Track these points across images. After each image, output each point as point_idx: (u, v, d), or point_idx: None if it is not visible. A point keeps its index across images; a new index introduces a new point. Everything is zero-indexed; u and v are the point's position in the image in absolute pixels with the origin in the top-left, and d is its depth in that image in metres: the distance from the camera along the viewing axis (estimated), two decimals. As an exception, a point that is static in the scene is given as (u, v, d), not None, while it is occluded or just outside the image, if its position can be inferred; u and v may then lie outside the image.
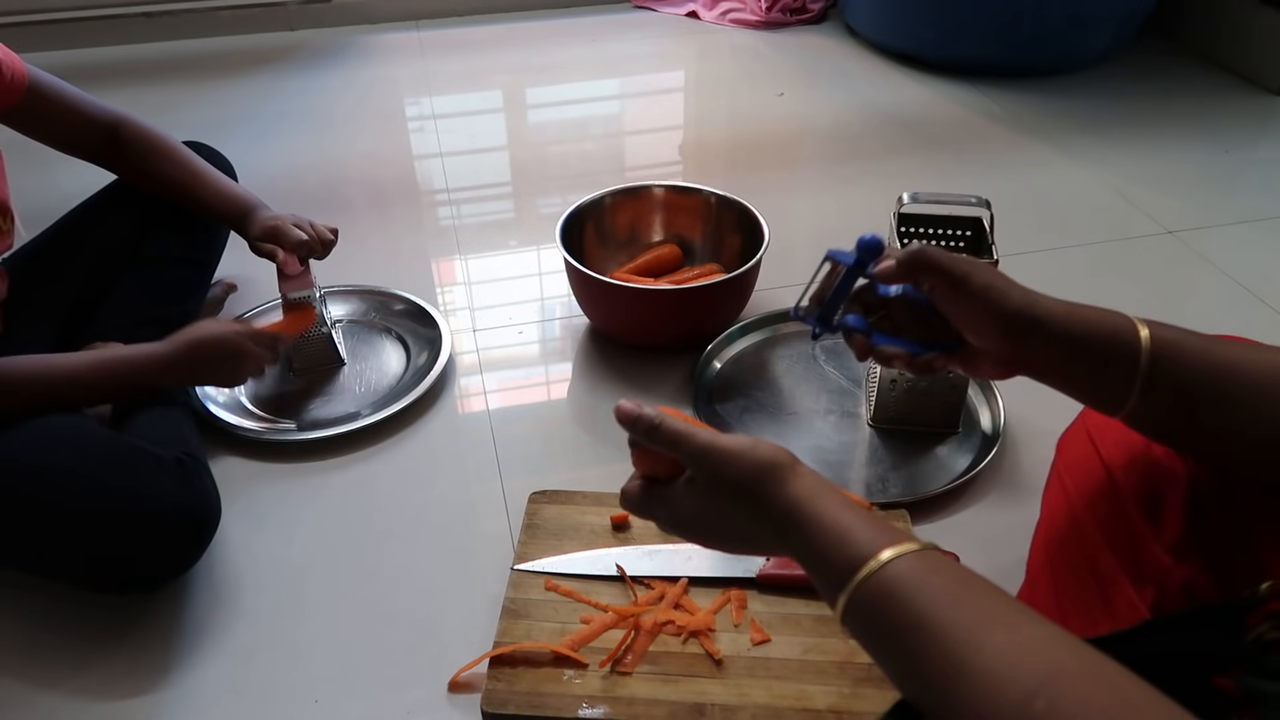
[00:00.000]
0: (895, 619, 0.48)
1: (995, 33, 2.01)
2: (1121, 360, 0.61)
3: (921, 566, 0.49)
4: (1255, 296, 1.42)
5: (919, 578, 0.49)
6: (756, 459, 0.57)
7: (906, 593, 0.48)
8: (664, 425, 0.59)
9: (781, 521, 0.56)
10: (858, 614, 0.50)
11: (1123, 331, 0.62)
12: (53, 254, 1.20)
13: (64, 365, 1.00)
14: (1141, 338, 0.61)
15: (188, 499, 0.93)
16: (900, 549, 0.50)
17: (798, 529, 0.55)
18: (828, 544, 0.53)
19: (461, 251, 1.57)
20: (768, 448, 0.58)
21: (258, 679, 0.92)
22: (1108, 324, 0.63)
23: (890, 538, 0.51)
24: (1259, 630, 0.55)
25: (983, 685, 0.43)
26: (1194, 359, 0.61)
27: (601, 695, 0.86)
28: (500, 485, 1.12)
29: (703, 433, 0.59)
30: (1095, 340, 0.62)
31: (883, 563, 0.49)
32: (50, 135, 1.15)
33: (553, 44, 2.37)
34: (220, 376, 1.10)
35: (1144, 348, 0.61)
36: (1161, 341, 0.61)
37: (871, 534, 0.52)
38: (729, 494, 0.58)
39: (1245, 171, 1.77)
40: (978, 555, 0.95)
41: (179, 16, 2.39)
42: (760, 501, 0.56)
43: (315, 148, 1.89)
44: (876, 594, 0.49)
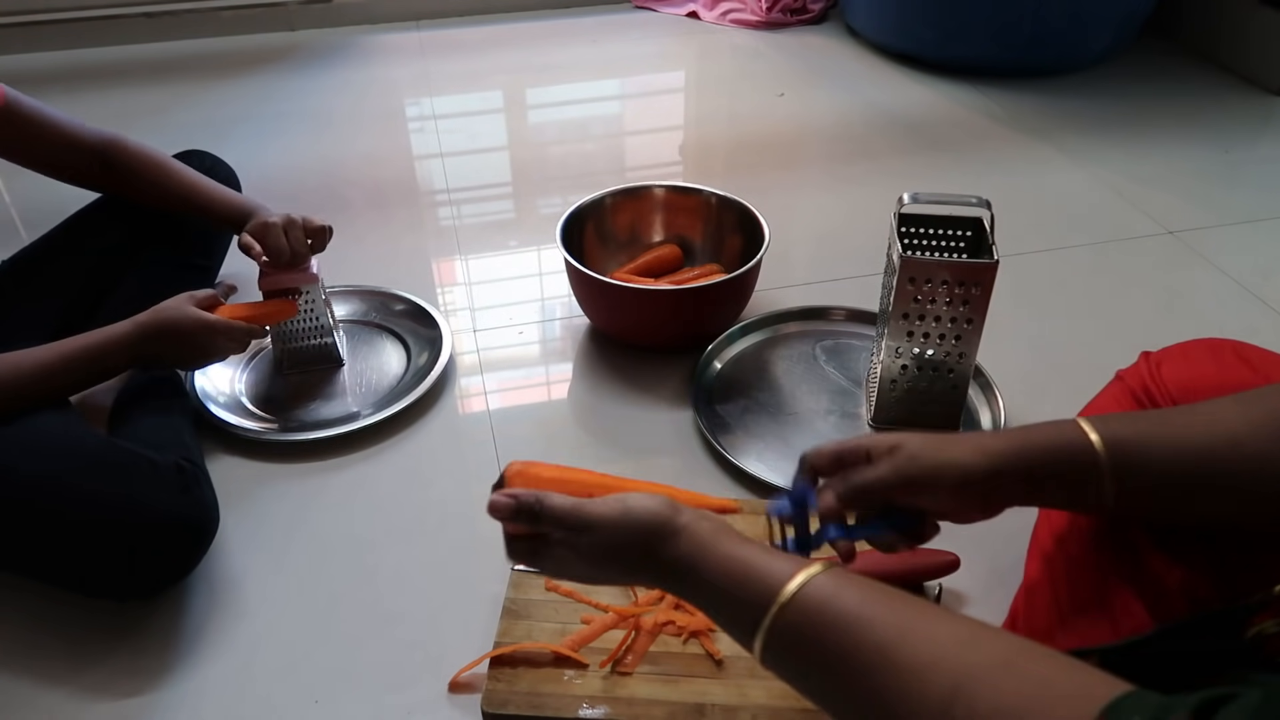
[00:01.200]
0: (811, 651, 0.48)
1: (995, 33, 2.01)
2: (1085, 475, 0.60)
3: (826, 590, 0.49)
4: (1255, 296, 1.42)
5: (826, 602, 0.48)
6: (638, 523, 0.56)
7: (816, 623, 0.48)
8: (545, 508, 0.59)
9: (678, 576, 0.55)
10: (775, 652, 0.50)
11: (1077, 447, 0.61)
12: (52, 257, 1.20)
13: (33, 358, 0.98)
14: (1095, 444, 0.60)
15: (185, 507, 0.93)
16: (803, 576, 0.50)
17: (694, 584, 0.54)
18: (729, 592, 0.52)
19: (462, 252, 1.57)
20: (641, 511, 0.57)
21: (258, 679, 0.92)
22: (1061, 444, 0.61)
23: (790, 566, 0.51)
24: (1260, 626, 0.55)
25: (904, 700, 0.43)
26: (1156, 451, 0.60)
27: (602, 695, 0.86)
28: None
29: (580, 507, 0.58)
30: (1054, 466, 0.61)
31: (789, 595, 0.49)
32: (30, 158, 1.14)
33: (553, 44, 2.37)
34: (182, 360, 1.09)
35: (1101, 455, 0.60)
36: (1116, 443, 0.60)
37: (771, 568, 0.51)
38: (617, 559, 0.58)
39: (1245, 171, 1.77)
40: (978, 556, 0.95)
41: (179, 16, 2.39)
42: (650, 562, 0.56)
43: (315, 148, 1.89)
44: (789, 629, 0.49)
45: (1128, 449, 0.60)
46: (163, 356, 1.07)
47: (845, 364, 1.27)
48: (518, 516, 0.59)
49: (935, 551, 0.95)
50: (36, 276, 1.16)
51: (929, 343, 1.08)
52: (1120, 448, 0.60)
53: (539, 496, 0.59)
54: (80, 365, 1.01)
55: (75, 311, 1.18)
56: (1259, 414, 0.58)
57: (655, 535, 0.56)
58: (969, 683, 0.42)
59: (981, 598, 0.95)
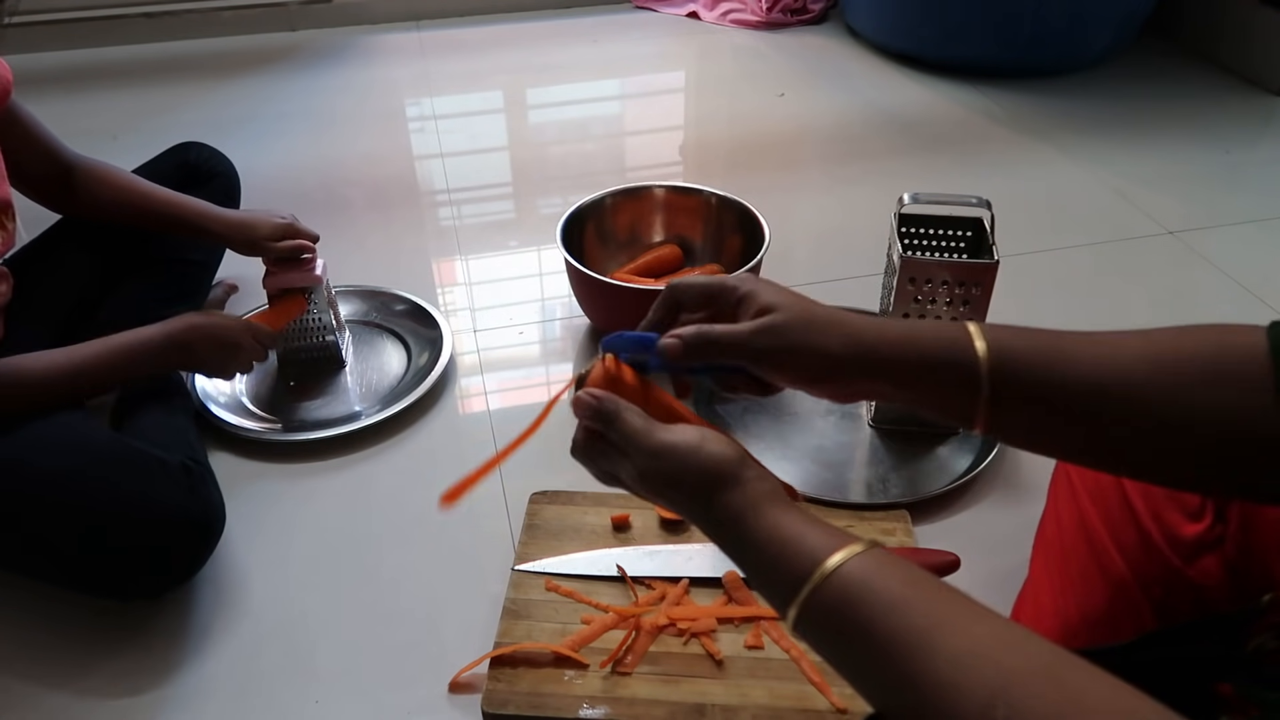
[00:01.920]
0: (847, 628, 0.47)
1: (995, 33, 2.01)
2: (960, 381, 0.55)
3: (867, 569, 0.48)
4: (1255, 297, 1.42)
5: (866, 583, 0.48)
6: (702, 463, 0.56)
7: (854, 601, 0.48)
8: (619, 420, 0.58)
9: (725, 528, 0.55)
10: (809, 624, 0.50)
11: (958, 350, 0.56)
12: (53, 257, 1.20)
13: (68, 357, 0.99)
14: (978, 350, 0.55)
15: (193, 505, 0.93)
16: (845, 553, 0.49)
17: (737, 541, 0.54)
18: (770, 556, 0.52)
19: (462, 252, 1.57)
20: (711, 452, 0.56)
21: (259, 679, 0.92)
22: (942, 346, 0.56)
23: (833, 541, 0.50)
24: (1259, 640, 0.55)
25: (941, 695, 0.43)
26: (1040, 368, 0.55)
27: (602, 696, 0.86)
28: (501, 486, 1.12)
29: (653, 430, 0.57)
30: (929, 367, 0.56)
31: (828, 571, 0.49)
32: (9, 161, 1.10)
33: (553, 44, 2.37)
34: (212, 364, 1.10)
35: (981, 362, 0.55)
36: (1000, 352, 0.55)
37: (814, 541, 0.51)
38: (674, 490, 0.57)
39: (1246, 172, 1.77)
40: (978, 556, 0.95)
41: (180, 17, 2.39)
42: (703, 506, 0.56)
43: (316, 148, 1.89)
44: (826, 604, 0.49)
45: (1013, 360, 0.55)
46: (196, 360, 1.08)
47: (845, 364, 1.27)
48: (595, 418, 0.59)
49: (935, 552, 0.95)
50: (37, 276, 1.16)
51: (929, 343, 1.08)
52: (1004, 358, 0.55)
53: (619, 406, 0.59)
54: (114, 365, 1.02)
55: (76, 313, 1.18)
56: (1166, 354, 0.53)
57: (718, 479, 0.55)
58: (1011, 686, 0.41)
59: (982, 598, 0.95)
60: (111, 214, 1.19)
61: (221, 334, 1.08)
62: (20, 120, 1.09)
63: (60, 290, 1.18)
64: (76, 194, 1.17)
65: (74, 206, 1.19)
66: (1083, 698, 0.40)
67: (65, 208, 1.20)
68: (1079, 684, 0.41)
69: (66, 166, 1.16)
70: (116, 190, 1.18)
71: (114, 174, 1.19)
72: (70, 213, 1.21)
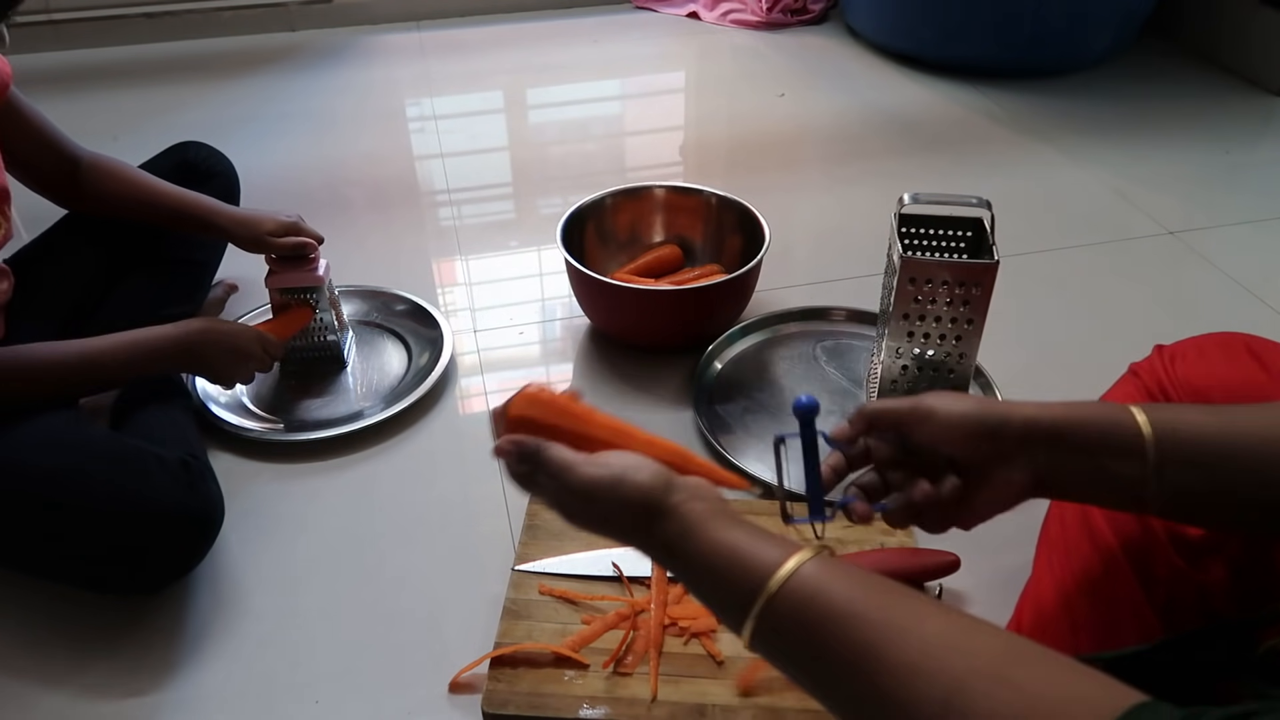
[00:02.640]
0: (802, 640, 0.47)
1: (996, 33, 2.01)
2: (1124, 454, 0.56)
3: (818, 578, 0.48)
4: (1256, 297, 1.42)
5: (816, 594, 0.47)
6: (624, 499, 0.55)
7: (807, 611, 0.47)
8: (547, 461, 0.58)
9: (666, 556, 0.55)
10: (765, 639, 0.49)
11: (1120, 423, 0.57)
12: (54, 256, 1.20)
13: (81, 349, 1.00)
14: (1140, 423, 0.56)
15: (191, 501, 0.93)
16: (795, 561, 0.49)
17: (683, 565, 0.54)
18: (717, 576, 0.52)
19: (462, 252, 1.57)
20: (636, 484, 0.55)
21: (259, 679, 0.92)
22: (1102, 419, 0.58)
23: (780, 552, 0.50)
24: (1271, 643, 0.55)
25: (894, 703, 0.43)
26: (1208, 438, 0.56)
27: (602, 696, 0.86)
28: (501, 486, 1.12)
29: (575, 468, 0.57)
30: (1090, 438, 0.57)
31: (778, 584, 0.48)
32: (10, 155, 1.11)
33: (553, 44, 2.37)
34: (220, 370, 1.10)
35: (1146, 436, 0.56)
36: (1164, 424, 0.56)
37: (764, 553, 0.50)
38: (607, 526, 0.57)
39: (1246, 172, 1.77)
40: (979, 557, 0.95)
41: (180, 17, 2.39)
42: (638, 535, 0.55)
43: (316, 148, 1.89)
44: (780, 617, 0.48)
45: (1177, 431, 0.56)
46: (205, 365, 1.08)
47: (846, 364, 1.27)
48: (520, 463, 0.59)
49: (936, 552, 0.95)
50: (37, 277, 1.16)
51: (929, 343, 1.08)
52: (1168, 429, 0.56)
53: (539, 447, 0.58)
54: (126, 361, 1.02)
55: (77, 311, 1.18)
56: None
57: (645, 512, 0.55)
58: (962, 691, 0.41)
59: (982, 598, 0.95)
60: (118, 208, 1.19)
61: (233, 342, 1.09)
62: (22, 114, 1.09)
63: (61, 289, 1.18)
64: (84, 188, 1.17)
65: (81, 201, 1.19)
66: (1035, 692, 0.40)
67: (72, 203, 1.21)
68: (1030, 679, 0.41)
69: (72, 160, 1.16)
70: (124, 184, 1.18)
71: (121, 168, 1.19)
72: (77, 208, 1.21)
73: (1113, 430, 0.57)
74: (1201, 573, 0.67)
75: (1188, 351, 0.78)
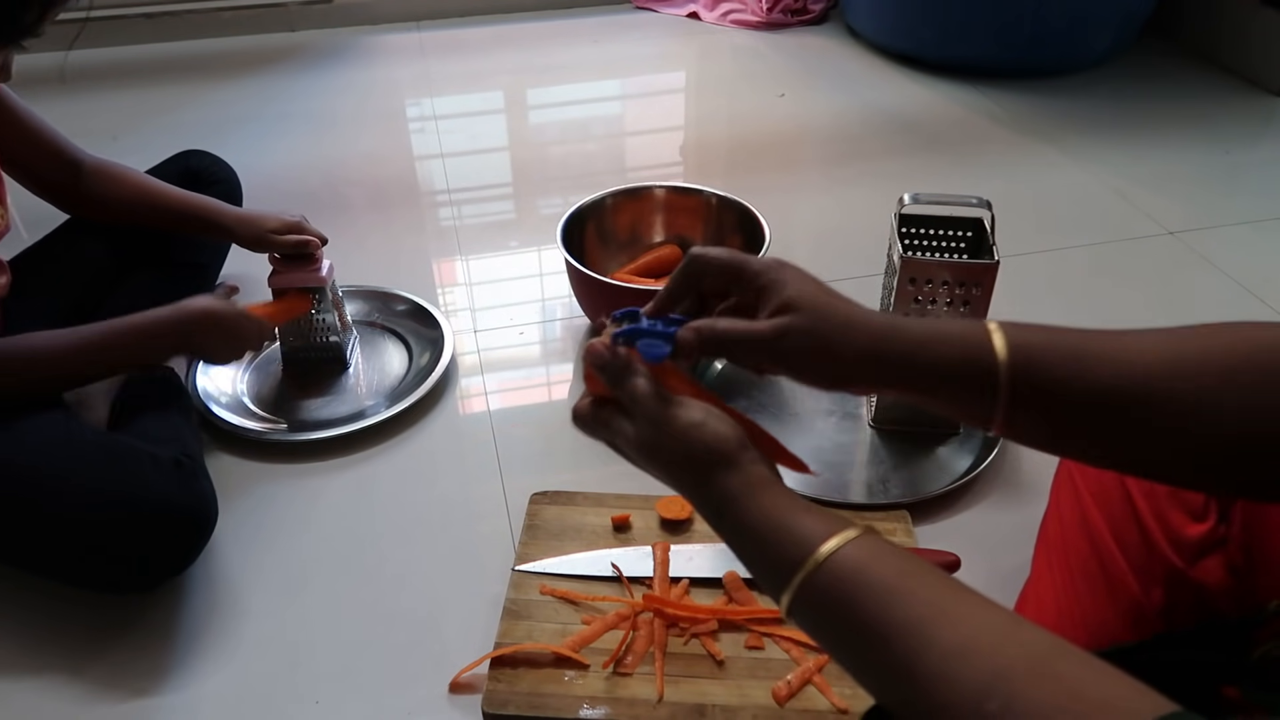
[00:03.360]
0: (842, 616, 0.47)
1: (996, 33, 2.01)
2: (977, 380, 0.54)
3: (861, 556, 0.48)
4: (1256, 297, 1.42)
5: (860, 570, 0.48)
6: (700, 439, 0.55)
7: (849, 588, 0.47)
8: (627, 381, 0.57)
9: (717, 509, 0.54)
10: (803, 610, 0.50)
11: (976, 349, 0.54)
12: (54, 256, 1.20)
13: (79, 335, 1.00)
14: (997, 349, 0.53)
15: (185, 499, 0.93)
16: (839, 539, 0.49)
17: (732, 523, 0.54)
18: (764, 541, 0.52)
19: (463, 252, 1.57)
20: (712, 432, 0.55)
21: (259, 679, 0.92)
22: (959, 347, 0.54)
23: (827, 527, 0.50)
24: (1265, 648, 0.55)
25: (934, 688, 0.43)
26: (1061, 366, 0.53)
27: (602, 696, 0.86)
28: (501, 486, 1.12)
29: (659, 398, 0.56)
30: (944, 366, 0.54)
31: (822, 558, 0.48)
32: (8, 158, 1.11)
33: (554, 45, 2.37)
34: (212, 350, 1.10)
35: (1001, 361, 0.53)
36: (1020, 350, 0.53)
37: (809, 526, 0.50)
38: (668, 466, 0.56)
39: (1246, 172, 1.77)
40: (979, 556, 0.95)
41: (180, 17, 2.39)
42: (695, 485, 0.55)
43: (316, 148, 1.89)
44: (819, 590, 0.49)
45: (1033, 363, 0.53)
46: (199, 345, 1.08)
47: (846, 364, 1.27)
48: (605, 369, 0.58)
49: (936, 552, 0.95)
50: (36, 280, 1.16)
51: (929, 343, 1.08)
52: (1023, 360, 0.53)
53: (631, 364, 0.58)
54: (124, 345, 1.02)
55: (78, 313, 1.18)
56: (1190, 353, 0.51)
57: (715, 459, 0.54)
58: (1005, 680, 0.41)
59: (982, 598, 0.95)
60: (122, 213, 1.19)
61: (226, 323, 1.08)
62: (19, 118, 1.09)
63: (62, 291, 1.18)
64: (87, 192, 1.17)
65: (85, 205, 1.19)
66: (1076, 689, 0.40)
67: (76, 208, 1.21)
68: (1072, 675, 0.41)
69: (74, 163, 1.16)
70: (127, 188, 1.18)
71: (124, 172, 1.20)
72: (81, 212, 1.21)
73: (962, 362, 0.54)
74: (1200, 573, 0.67)
75: None
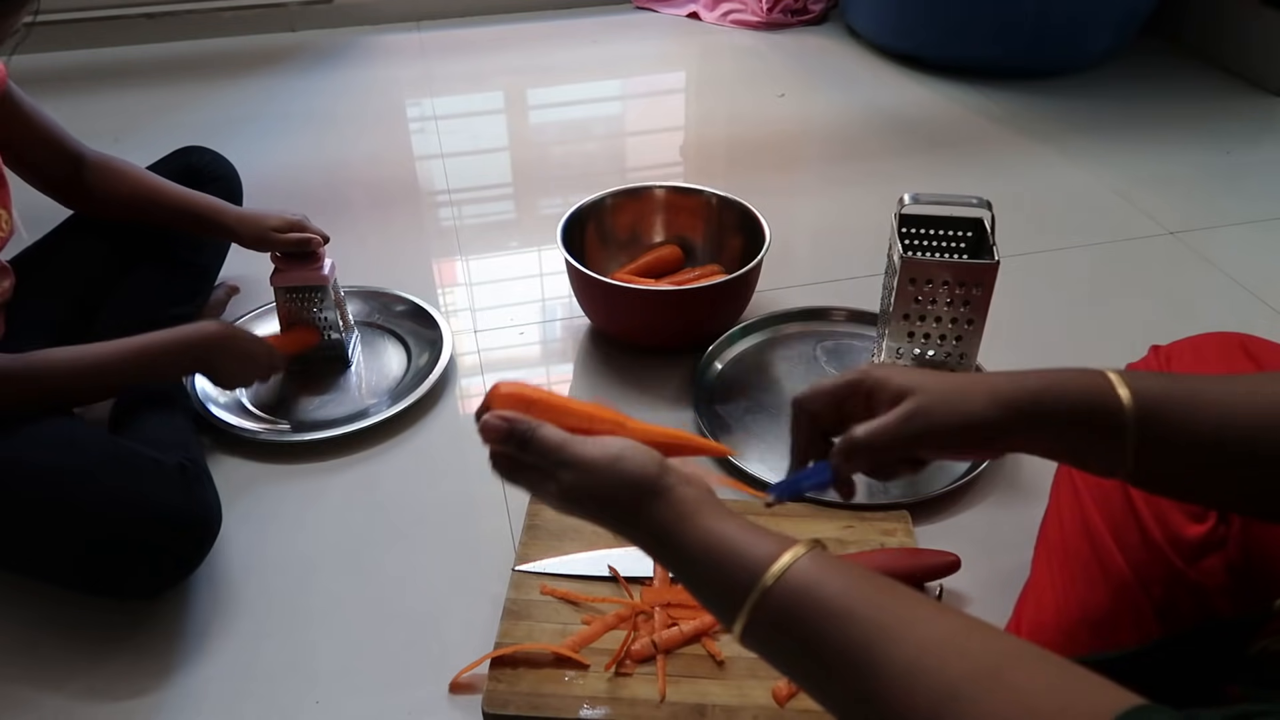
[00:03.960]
0: (796, 637, 0.47)
1: (996, 34, 2.01)
2: (1107, 429, 0.56)
3: (811, 573, 0.47)
4: (1256, 298, 1.42)
5: (811, 589, 0.47)
6: (619, 476, 0.54)
7: (802, 608, 0.47)
8: (534, 439, 0.56)
9: (654, 542, 0.54)
10: (757, 634, 0.49)
11: (1102, 398, 0.56)
12: (55, 257, 1.20)
13: (95, 354, 1.00)
14: (1122, 397, 0.55)
15: (189, 505, 0.93)
16: (789, 555, 0.48)
17: (673, 554, 0.53)
18: (709, 567, 0.51)
19: (463, 252, 1.57)
20: (633, 462, 0.54)
21: (260, 679, 0.92)
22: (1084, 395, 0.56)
23: (775, 546, 0.49)
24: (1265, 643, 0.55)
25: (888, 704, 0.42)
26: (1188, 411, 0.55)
27: (602, 696, 0.86)
28: (501, 486, 1.12)
29: (570, 445, 0.56)
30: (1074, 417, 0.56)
31: (775, 576, 0.47)
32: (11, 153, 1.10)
33: (554, 45, 2.37)
34: (227, 373, 1.10)
35: (1128, 409, 0.55)
36: (1146, 398, 0.55)
37: (758, 547, 0.49)
38: (593, 507, 0.56)
39: (1246, 173, 1.77)
40: (979, 557, 0.95)
41: (180, 17, 2.39)
42: (625, 522, 0.54)
43: (317, 148, 1.90)
44: (774, 612, 0.48)
45: (1158, 405, 0.55)
46: (213, 369, 1.09)
47: (846, 364, 1.27)
48: (508, 441, 0.57)
49: (936, 552, 0.95)
50: (35, 280, 1.16)
51: (930, 343, 1.08)
52: (1150, 403, 0.55)
53: (532, 425, 0.57)
54: (139, 365, 1.02)
55: (78, 312, 1.18)
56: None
57: (639, 493, 0.54)
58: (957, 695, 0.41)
59: (982, 598, 0.95)
60: (123, 209, 1.19)
61: (241, 347, 1.10)
62: (23, 111, 1.09)
63: (62, 291, 1.18)
64: (89, 188, 1.17)
65: (86, 201, 1.19)
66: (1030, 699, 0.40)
67: (77, 202, 1.21)
68: (1026, 684, 0.40)
69: (77, 159, 1.16)
70: (129, 183, 1.19)
71: (126, 167, 1.20)
72: (82, 208, 1.21)
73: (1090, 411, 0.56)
74: (1199, 573, 0.67)
75: (1184, 352, 0.78)
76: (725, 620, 0.50)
